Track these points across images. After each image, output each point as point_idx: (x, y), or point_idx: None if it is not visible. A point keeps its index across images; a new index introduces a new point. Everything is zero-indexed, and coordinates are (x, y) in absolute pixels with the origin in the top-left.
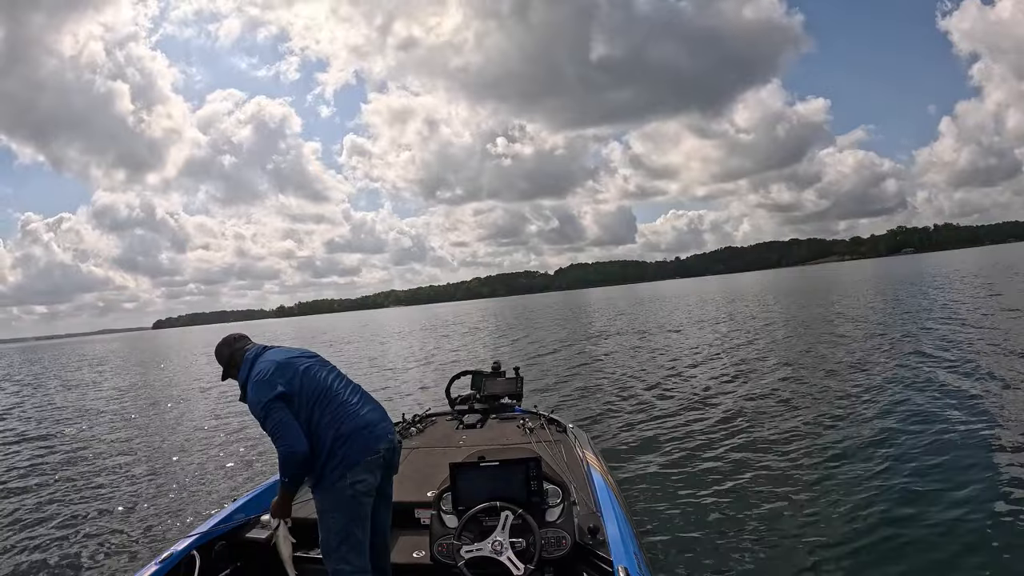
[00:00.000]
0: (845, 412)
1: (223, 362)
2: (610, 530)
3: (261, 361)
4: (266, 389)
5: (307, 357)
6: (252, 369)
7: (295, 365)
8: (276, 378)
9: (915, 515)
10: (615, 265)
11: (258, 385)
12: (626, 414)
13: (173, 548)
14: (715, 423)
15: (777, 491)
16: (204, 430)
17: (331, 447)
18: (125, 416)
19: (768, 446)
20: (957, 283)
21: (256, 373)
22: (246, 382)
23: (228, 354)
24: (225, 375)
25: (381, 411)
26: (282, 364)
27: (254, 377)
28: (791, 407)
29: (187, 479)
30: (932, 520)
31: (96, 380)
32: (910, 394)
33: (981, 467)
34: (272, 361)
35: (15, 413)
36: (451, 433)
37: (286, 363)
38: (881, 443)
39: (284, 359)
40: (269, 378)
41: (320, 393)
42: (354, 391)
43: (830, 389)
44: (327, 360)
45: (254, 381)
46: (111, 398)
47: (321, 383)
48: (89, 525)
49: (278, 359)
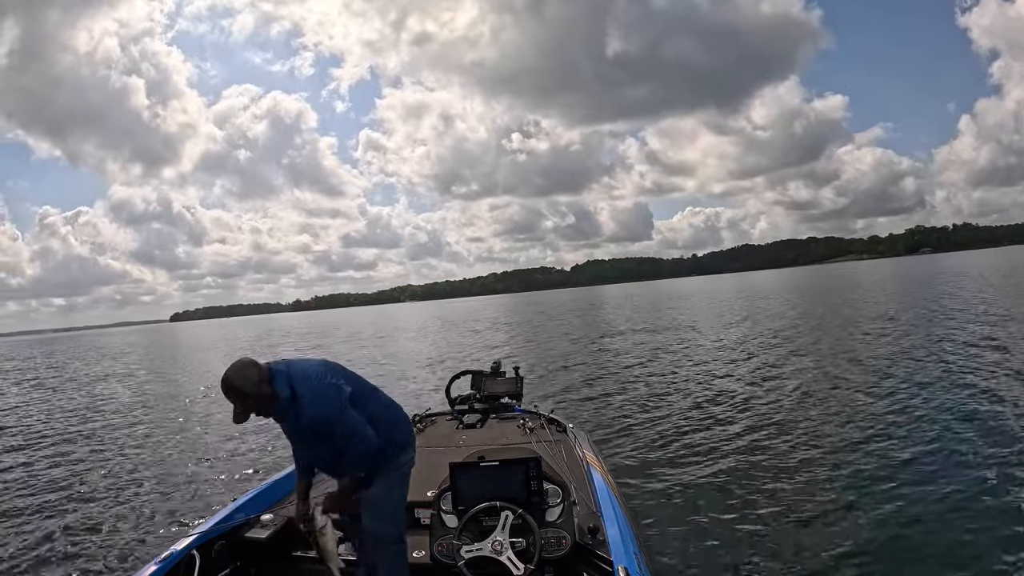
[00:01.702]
0: (849, 414)
1: (250, 386)
2: (610, 530)
3: (304, 368)
4: (336, 392)
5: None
6: (298, 380)
7: (335, 364)
8: (338, 379)
9: (917, 519)
10: (631, 262)
11: (327, 390)
12: (627, 414)
13: (173, 548)
14: (716, 424)
15: (778, 492)
16: (205, 430)
17: (388, 433)
18: (129, 413)
19: (769, 447)
20: (978, 283)
21: (314, 381)
22: (294, 397)
23: (256, 374)
24: (248, 408)
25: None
26: (329, 364)
27: (314, 385)
28: (793, 408)
29: (187, 478)
30: (943, 531)
31: (106, 374)
32: (923, 397)
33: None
34: (318, 364)
35: (20, 409)
36: (451, 433)
37: (330, 362)
38: (883, 443)
39: (321, 360)
40: (333, 380)
41: (363, 385)
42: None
43: (835, 390)
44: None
45: (316, 389)
46: (115, 393)
47: (357, 377)
48: (89, 524)
49: (317, 361)
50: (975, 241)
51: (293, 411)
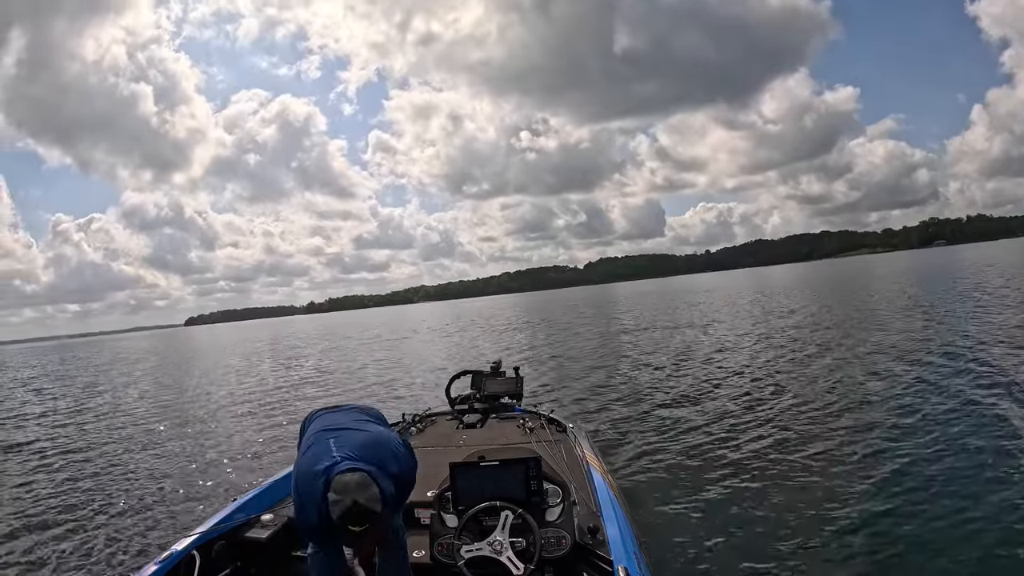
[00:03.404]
0: (854, 415)
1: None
2: (610, 530)
3: (392, 434)
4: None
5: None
6: (401, 448)
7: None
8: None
9: (920, 525)
10: (645, 259)
11: (410, 451)
12: (627, 414)
13: (173, 548)
14: (717, 424)
15: (778, 492)
16: (205, 430)
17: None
18: (132, 413)
19: (770, 447)
20: (995, 276)
21: (400, 448)
22: (406, 473)
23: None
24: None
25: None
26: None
27: (403, 455)
28: (795, 408)
29: (188, 478)
30: (942, 539)
31: (112, 378)
32: (933, 397)
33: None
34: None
35: (31, 412)
36: (451, 433)
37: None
38: (886, 444)
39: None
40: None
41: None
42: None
43: (841, 390)
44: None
45: (407, 450)
46: (116, 395)
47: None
48: (89, 524)
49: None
50: (990, 233)
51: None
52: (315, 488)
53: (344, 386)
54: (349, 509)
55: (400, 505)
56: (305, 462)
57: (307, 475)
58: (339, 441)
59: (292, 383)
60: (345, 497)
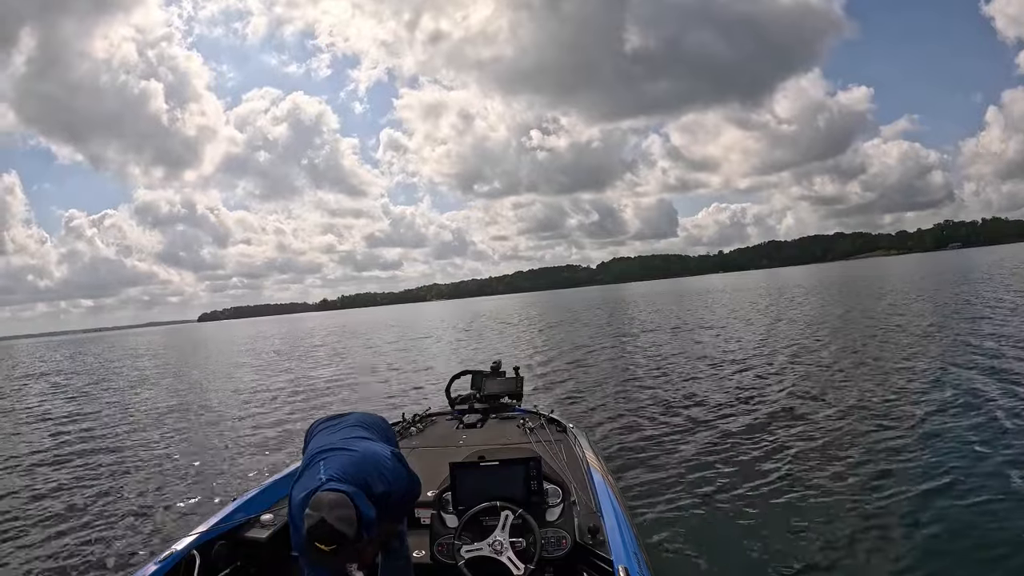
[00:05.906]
0: (859, 419)
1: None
2: (610, 530)
3: (382, 450)
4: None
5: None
6: (388, 463)
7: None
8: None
9: (921, 527)
10: (658, 259)
11: (403, 464)
12: (627, 414)
13: (173, 548)
14: (717, 424)
15: (778, 492)
16: (205, 430)
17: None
18: (134, 412)
19: (772, 448)
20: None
21: (388, 464)
22: (396, 490)
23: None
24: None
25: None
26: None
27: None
28: (796, 409)
29: (188, 478)
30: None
31: (115, 375)
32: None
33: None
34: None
35: (32, 408)
36: (451, 433)
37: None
38: (888, 444)
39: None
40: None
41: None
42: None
43: (841, 391)
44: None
45: (400, 463)
46: (117, 395)
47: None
48: (89, 525)
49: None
50: (1005, 235)
51: (393, 507)
52: (302, 511)
53: (359, 388)
54: (315, 525)
55: (399, 518)
56: (298, 487)
57: (297, 501)
58: (328, 463)
59: (300, 381)
60: (315, 513)
